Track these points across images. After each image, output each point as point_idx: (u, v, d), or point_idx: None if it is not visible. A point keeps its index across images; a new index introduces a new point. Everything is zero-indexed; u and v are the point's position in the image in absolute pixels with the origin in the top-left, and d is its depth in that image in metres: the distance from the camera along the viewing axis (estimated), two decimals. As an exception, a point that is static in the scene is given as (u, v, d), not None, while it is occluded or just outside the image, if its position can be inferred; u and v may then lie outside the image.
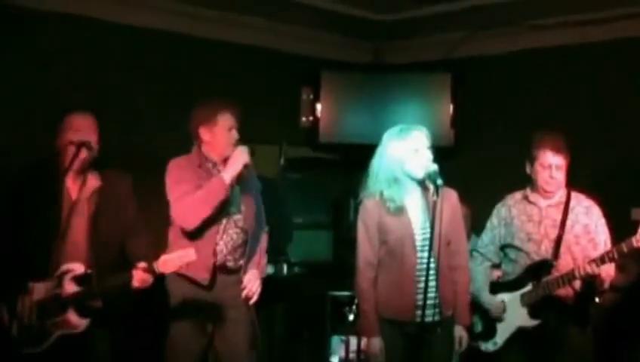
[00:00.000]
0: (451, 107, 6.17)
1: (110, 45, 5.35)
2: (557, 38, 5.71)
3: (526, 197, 4.35)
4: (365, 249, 3.92)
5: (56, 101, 4.84)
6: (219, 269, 4.15)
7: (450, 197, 3.93)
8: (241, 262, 4.21)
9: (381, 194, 3.89)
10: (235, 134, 4.16)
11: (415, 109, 6.18)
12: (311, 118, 6.28)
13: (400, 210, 3.86)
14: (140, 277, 3.85)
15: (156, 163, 5.17)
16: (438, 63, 6.36)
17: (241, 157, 4.07)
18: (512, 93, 6.03)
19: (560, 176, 4.24)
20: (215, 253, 4.13)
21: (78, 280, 3.93)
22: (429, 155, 3.83)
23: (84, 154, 3.97)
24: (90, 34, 5.26)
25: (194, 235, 4.09)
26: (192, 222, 4.06)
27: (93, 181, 4.10)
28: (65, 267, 3.95)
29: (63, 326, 3.91)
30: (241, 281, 4.19)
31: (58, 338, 3.90)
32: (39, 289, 3.94)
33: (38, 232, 3.93)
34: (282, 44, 6.15)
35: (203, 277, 4.12)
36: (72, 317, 3.91)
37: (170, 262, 3.83)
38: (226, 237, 4.16)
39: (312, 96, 6.24)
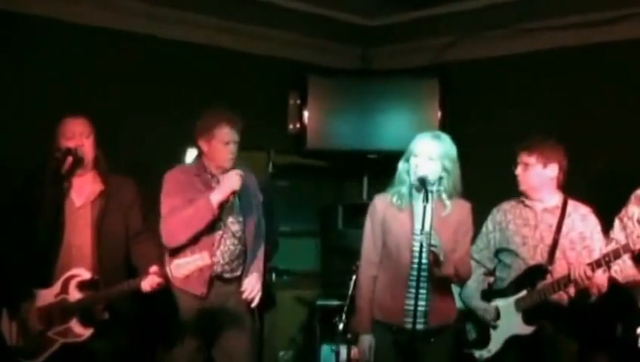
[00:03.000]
0: (439, 113, 6.13)
1: (99, 51, 5.32)
2: (546, 41, 5.67)
3: (522, 201, 4.33)
4: (368, 246, 3.98)
5: (50, 106, 4.84)
6: (216, 279, 4.15)
7: (461, 209, 3.95)
8: (238, 272, 4.19)
9: (392, 193, 3.94)
10: (232, 148, 4.12)
11: (403, 115, 6.16)
12: (298, 125, 6.22)
13: (403, 211, 3.89)
14: (152, 281, 3.85)
15: (144, 167, 5.14)
16: (425, 69, 6.33)
17: (230, 182, 4.05)
18: (501, 98, 6.00)
19: (529, 175, 4.23)
20: (213, 265, 4.10)
21: (84, 286, 3.93)
22: (425, 163, 3.82)
23: (69, 161, 3.97)
24: (82, 40, 5.25)
25: (192, 248, 4.04)
26: (173, 242, 4.07)
27: (96, 185, 4.13)
28: (70, 272, 3.95)
29: (66, 334, 3.90)
30: (240, 287, 4.16)
31: (59, 348, 3.88)
32: (44, 296, 3.92)
33: (40, 238, 3.93)
34: (269, 49, 6.12)
35: (200, 291, 4.12)
36: (76, 325, 3.90)
37: (184, 266, 3.82)
38: (223, 247, 4.15)
39: (299, 102, 6.19)
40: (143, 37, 5.48)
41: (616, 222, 4.21)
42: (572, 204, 4.27)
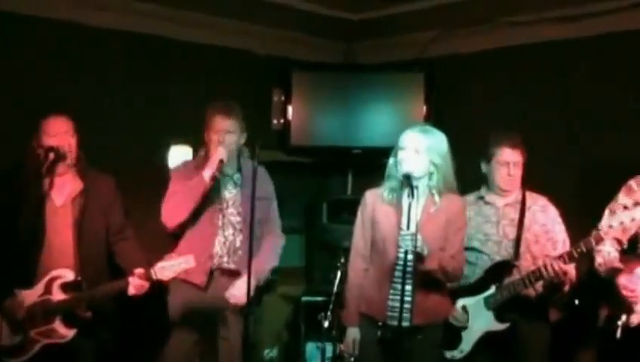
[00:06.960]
0: (424, 107, 6.11)
1: (83, 48, 5.30)
2: (531, 35, 5.65)
3: (481, 198, 4.32)
4: (358, 240, 4.00)
5: (31, 104, 4.81)
6: (218, 272, 4.21)
7: (452, 205, 3.90)
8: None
9: (384, 188, 3.92)
10: (226, 138, 4.20)
11: (388, 110, 6.14)
12: (282, 121, 6.18)
13: (392, 206, 3.88)
14: (137, 283, 3.90)
15: (130, 164, 5.09)
16: (410, 63, 6.30)
17: (216, 154, 4.15)
18: (487, 93, 5.98)
19: (518, 174, 4.25)
20: (212, 256, 4.20)
21: (68, 287, 3.91)
22: (411, 156, 3.77)
23: (51, 159, 3.95)
24: (64, 37, 5.21)
25: (192, 239, 4.21)
26: (172, 221, 4.17)
27: (76, 184, 4.11)
28: (53, 273, 3.93)
29: (49, 335, 3.89)
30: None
31: (42, 348, 3.87)
32: (26, 297, 3.90)
33: (21, 238, 3.90)
34: (252, 45, 6.08)
35: (200, 280, 4.19)
36: (59, 326, 3.89)
37: (168, 268, 3.89)
38: (221, 239, 4.22)
39: (283, 98, 6.15)
40: (124, 33, 5.44)
41: (606, 212, 4.20)
42: (530, 196, 4.28)
